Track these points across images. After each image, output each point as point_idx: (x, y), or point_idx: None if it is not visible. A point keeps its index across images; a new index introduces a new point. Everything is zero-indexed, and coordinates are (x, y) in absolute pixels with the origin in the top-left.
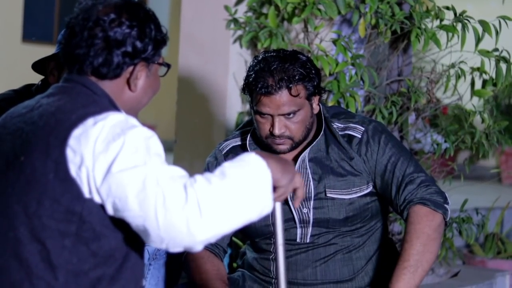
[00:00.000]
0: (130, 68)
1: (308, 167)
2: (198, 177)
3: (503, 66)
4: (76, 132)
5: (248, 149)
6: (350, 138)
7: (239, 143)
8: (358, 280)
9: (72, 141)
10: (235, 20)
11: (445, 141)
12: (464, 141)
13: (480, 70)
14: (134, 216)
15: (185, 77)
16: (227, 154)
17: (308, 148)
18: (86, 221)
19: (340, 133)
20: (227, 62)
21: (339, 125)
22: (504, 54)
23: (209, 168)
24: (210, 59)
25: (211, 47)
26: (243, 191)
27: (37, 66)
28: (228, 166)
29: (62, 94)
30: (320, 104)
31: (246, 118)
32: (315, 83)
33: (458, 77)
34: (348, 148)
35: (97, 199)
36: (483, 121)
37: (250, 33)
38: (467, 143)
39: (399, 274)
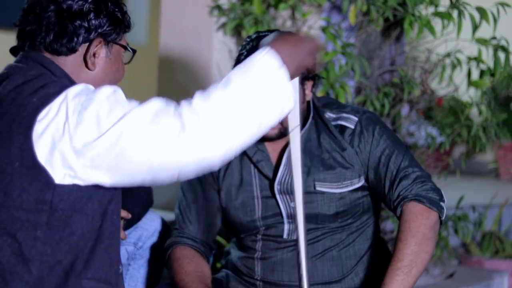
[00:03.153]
0: (86, 45)
1: None
2: (196, 95)
3: (502, 55)
4: (40, 116)
5: None
6: (342, 128)
7: None
8: (348, 281)
9: (38, 125)
10: (218, 7)
11: (440, 135)
12: (460, 134)
13: (477, 59)
14: (139, 164)
15: (166, 67)
16: None
17: None
18: (58, 208)
19: (332, 123)
20: (210, 50)
21: (331, 115)
22: (503, 42)
23: None
24: (192, 47)
25: (193, 35)
26: (253, 93)
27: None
28: (233, 71)
29: (18, 75)
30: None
31: None
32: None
33: (454, 67)
34: (341, 138)
35: (84, 174)
36: (480, 113)
37: (234, 20)
38: (463, 137)
39: (392, 275)
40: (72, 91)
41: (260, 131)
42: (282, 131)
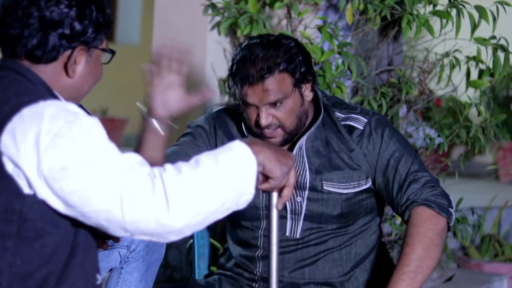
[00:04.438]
0: (68, 52)
1: (305, 156)
2: (168, 166)
3: (501, 55)
4: (10, 126)
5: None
6: (351, 129)
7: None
8: (347, 285)
9: (6, 136)
10: (213, 5)
11: (439, 136)
12: (459, 135)
13: (476, 59)
14: (96, 210)
15: None
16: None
17: (305, 135)
18: (28, 219)
19: (341, 123)
20: (205, 50)
21: (340, 115)
22: (502, 42)
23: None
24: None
25: (187, 34)
26: (219, 178)
27: None
28: (205, 154)
29: None
30: (319, 91)
31: None
32: (302, 69)
33: (452, 66)
34: (349, 138)
35: (42, 194)
36: (479, 114)
37: (229, 19)
38: (462, 138)
39: (397, 279)
40: (49, 110)
41: (218, 212)
42: (285, 137)
